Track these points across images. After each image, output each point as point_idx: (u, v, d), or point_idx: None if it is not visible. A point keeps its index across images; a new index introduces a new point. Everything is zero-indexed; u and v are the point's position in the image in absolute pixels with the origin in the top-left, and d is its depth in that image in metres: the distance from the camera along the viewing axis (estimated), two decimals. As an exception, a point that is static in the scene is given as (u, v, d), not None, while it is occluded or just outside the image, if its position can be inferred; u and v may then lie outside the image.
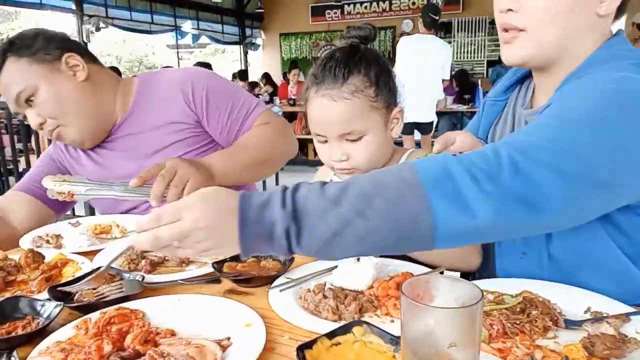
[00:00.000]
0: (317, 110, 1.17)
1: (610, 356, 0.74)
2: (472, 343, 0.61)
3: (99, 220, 1.58)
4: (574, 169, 0.72)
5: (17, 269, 1.16)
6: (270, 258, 1.17)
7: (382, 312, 0.93)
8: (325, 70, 1.15)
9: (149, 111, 1.60)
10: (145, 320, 0.90)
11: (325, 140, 1.19)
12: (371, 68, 1.16)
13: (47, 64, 1.49)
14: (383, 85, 1.17)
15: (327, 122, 1.16)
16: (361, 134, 1.16)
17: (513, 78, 1.20)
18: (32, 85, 1.46)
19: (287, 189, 0.73)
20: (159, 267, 1.19)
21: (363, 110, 1.14)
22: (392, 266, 1.09)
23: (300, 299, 0.97)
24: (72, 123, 1.52)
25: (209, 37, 12.66)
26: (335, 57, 1.16)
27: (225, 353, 0.79)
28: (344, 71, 1.13)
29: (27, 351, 0.81)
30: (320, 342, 0.77)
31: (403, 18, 12.87)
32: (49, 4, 8.11)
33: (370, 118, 1.16)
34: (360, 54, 1.17)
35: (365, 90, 1.14)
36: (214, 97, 1.58)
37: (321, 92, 1.15)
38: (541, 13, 0.93)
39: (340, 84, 1.13)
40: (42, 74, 1.47)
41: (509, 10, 0.96)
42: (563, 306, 0.89)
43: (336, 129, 1.16)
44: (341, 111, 1.13)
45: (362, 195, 0.70)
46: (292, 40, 14.11)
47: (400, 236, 0.70)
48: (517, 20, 0.96)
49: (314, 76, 1.18)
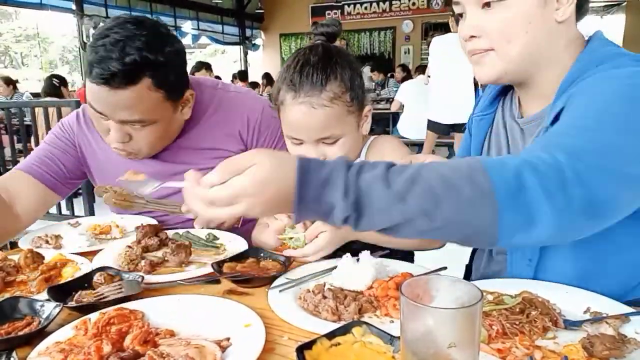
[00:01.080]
0: (295, 116, 1.18)
1: (609, 356, 0.74)
2: (472, 343, 0.61)
3: (98, 220, 1.58)
4: (631, 171, 0.76)
5: (17, 270, 1.16)
6: (269, 258, 1.17)
7: (381, 313, 0.93)
8: (303, 76, 1.16)
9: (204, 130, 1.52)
10: (144, 320, 0.90)
11: (301, 142, 1.22)
12: (345, 72, 1.19)
13: (173, 103, 1.37)
14: (357, 88, 1.21)
15: (306, 128, 1.19)
16: (337, 137, 1.20)
17: (494, 91, 1.21)
18: (150, 119, 1.32)
19: (351, 168, 0.70)
20: (158, 267, 1.19)
21: (340, 115, 1.18)
22: (391, 266, 1.09)
23: (300, 299, 0.97)
24: (149, 151, 1.43)
25: (209, 38, 12.69)
26: (311, 63, 1.17)
27: (224, 353, 0.79)
28: (321, 78, 1.16)
29: (26, 352, 0.81)
30: (319, 342, 0.77)
31: (403, 19, 12.88)
32: (49, 4, 8.13)
33: (346, 122, 1.20)
34: (335, 58, 1.19)
35: (343, 97, 1.18)
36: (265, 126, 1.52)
37: (300, 99, 1.16)
38: (501, 33, 0.97)
39: (319, 91, 1.15)
40: (167, 113, 1.36)
41: (472, 37, 1.01)
42: (562, 306, 0.89)
43: (314, 134, 1.19)
44: (320, 118, 1.16)
45: (431, 194, 0.68)
46: (292, 40, 14.12)
47: (460, 238, 0.72)
48: (482, 44, 1.00)
49: (290, 81, 1.18)
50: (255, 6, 13.83)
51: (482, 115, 1.22)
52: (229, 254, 1.24)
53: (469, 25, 1.01)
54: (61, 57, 20.56)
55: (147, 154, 1.44)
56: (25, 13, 14.08)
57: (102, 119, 1.34)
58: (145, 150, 1.41)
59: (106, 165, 1.55)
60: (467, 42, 1.03)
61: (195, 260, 1.23)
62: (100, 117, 1.33)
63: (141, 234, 1.30)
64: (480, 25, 0.99)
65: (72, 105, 4.20)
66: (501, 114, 1.19)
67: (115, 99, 1.26)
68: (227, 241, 1.35)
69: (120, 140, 1.34)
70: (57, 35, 19.32)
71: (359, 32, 13.19)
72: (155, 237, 1.30)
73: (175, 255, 1.20)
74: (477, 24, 0.99)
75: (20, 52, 20.65)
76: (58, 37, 19.49)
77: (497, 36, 0.98)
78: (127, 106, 1.27)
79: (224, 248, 1.31)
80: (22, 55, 20.75)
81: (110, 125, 1.33)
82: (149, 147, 1.41)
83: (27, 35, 20.15)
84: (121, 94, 1.25)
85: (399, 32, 12.94)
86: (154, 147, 1.44)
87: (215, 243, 1.34)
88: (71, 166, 1.57)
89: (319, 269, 1.11)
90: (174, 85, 1.35)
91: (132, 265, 1.17)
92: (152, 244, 1.28)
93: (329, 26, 1.25)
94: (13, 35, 20.08)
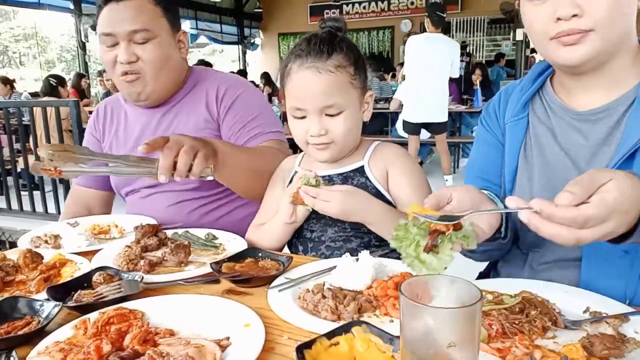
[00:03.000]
0: (301, 82, 1.22)
1: (609, 356, 0.74)
2: (472, 343, 0.60)
3: (97, 220, 1.58)
4: None
5: (16, 269, 1.16)
6: (268, 258, 1.17)
7: (381, 312, 0.93)
8: (310, 45, 1.22)
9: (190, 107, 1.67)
10: (144, 320, 0.90)
11: (304, 116, 1.24)
12: (351, 51, 1.24)
13: (171, 28, 1.60)
14: (360, 68, 1.25)
15: (311, 93, 1.21)
16: (340, 109, 1.23)
17: (527, 92, 1.17)
18: (154, 33, 1.54)
19: None
20: (157, 267, 1.18)
21: (344, 84, 1.22)
22: (390, 266, 1.09)
23: (299, 299, 0.97)
24: (154, 80, 1.58)
25: (208, 37, 12.68)
26: (319, 36, 1.23)
27: (224, 353, 0.79)
28: (327, 47, 1.21)
29: (26, 351, 0.81)
30: (319, 342, 0.77)
31: (401, 18, 12.88)
32: (48, 4, 8.12)
33: (349, 94, 1.23)
34: (340, 38, 1.25)
35: (347, 68, 1.22)
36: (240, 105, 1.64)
37: (306, 64, 1.21)
38: (607, 12, 0.93)
39: (325, 59, 1.20)
40: (165, 31, 1.58)
41: (573, 15, 0.94)
42: (562, 306, 0.89)
43: (319, 101, 1.21)
44: (325, 83, 1.20)
45: None
46: (290, 40, 14.12)
47: None
48: (583, 24, 0.94)
49: (297, 51, 1.23)
50: (253, 5, 13.82)
51: (516, 119, 1.18)
52: (228, 253, 1.24)
53: (572, 3, 0.94)
54: (59, 57, 20.54)
55: (152, 77, 1.57)
56: (23, 12, 14.06)
57: (109, 50, 1.55)
58: (150, 71, 1.56)
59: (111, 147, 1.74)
60: (563, 21, 0.96)
61: (194, 260, 1.23)
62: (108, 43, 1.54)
63: (140, 234, 1.31)
64: (584, 4, 0.93)
65: (71, 105, 4.20)
66: (534, 114, 1.16)
67: (121, 13, 1.52)
68: (226, 241, 1.35)
69: (128, 58, 1.52)
70: (56, 35, 19.31)
71: (358, 32, 13.19)
72: (154, 237, 1.30)
73: (174, 255, 1.20)
74: (580, 2, 0.94)
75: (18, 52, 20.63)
76: (56, 36, 19.48)
77: (603, 16, 0.93)
78: (131, 16, 1.52)
79: (223, 248, 1.31)
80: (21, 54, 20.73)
81: (118, 49, 1.53)
82: (153, 67, 1.56)
83: (25, 34, 20.13)
84: (126, 5, 1.53)
85: (397, 31, 12.94)
86: (158, 72, 1.57)
87: (214, 243, 1.35)
88: None
89: (319, 268, 1.11)
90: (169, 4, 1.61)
91: (132, 264, 1.17)
92: (151, 243, 1.28)
93: (336, 20, 1.29)
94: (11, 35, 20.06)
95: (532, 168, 1.14)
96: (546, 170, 1.11)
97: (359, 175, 1.31)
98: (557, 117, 1.11)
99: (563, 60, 1.00)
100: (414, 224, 0.80)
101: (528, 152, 1.16)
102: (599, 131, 1.03)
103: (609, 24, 0.94)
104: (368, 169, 1.31)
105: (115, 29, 1.52)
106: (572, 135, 1.08)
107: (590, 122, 1.05)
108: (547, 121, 1.13)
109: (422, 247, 0.77)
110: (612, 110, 1.02)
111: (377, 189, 1.29)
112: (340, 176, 1.31)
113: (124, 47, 1.53)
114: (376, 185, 1.29)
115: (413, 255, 0.78)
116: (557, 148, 1.10)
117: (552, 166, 1.10)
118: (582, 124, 1.06)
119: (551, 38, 0.99)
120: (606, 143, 1.03)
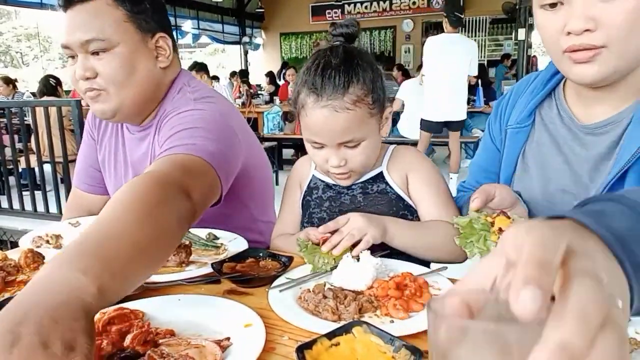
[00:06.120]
0: (317, 120, 1.16)
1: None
2: None
3: (98, 220, 1.58)
4: None
5: (17, 269, 1.16)
6: (269, 258, 1.17)
7: (381, 313, 0.93)
8: (324, 78, 1.14)
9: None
10: (145, 320, 0.90)
11: (322, 146, 1.20)
12: (367, 74, 1.17)
13: (140, 33, 1.30)
14: (378, 90, 1.18)
15: (328, 132, 1.16)
16: (359, 141, 1.18)
17: (535, 99, 1.13)
18: (113, 40, 1.26)
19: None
20: (158, 267, 1.18)
21: (363, 118, 1.16)
22: (391, 266, 1.09)
23: (300, 299, 0.97)
24: (117, 96, 1.31)
25: (209, 37, 12.68)
26: (333, 65, 1.15)
27: (225, 353, 0.79)
28: (343, 80, 1.13)
29: (26, 351, 0.81)
30: (319, 342, 0.77)
31: (403, 18, 12.88)
32: (49, 4, 8.11)
33: (368, 125, 1.18)
34: (356, 60, 1.17)
35: (365, 99, 1.15)
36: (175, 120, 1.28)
37: (322, 102, 1.14)
38: (622, 26, 0.86)
39: (341, 95, 1.13)
40: (129, 37, 1.28)
41: (586, 30, 0.88)
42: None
43: (337, 139, 1.17)
44: (343, 122, 1.14)
45: None
46: (292, 40, 14.13)
47: None
48: (597, 39, 0.87)
49: (312, 84, 1.15)
50: (255, 5, 13.82)
51: (519, 127, 1.15)
52: (229, 253, 1.24)
53: (585, 16, 0.87)
54: (61, 57, 20.55)
55: (114, 94, 1.30)
56: (25, 12, 14.08)
57: (72, 64, 1.30)
58: (109, 87, 1.29)
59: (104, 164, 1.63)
60: (575, 36, 0.89)
61: (195, 260, 1.22)
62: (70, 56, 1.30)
63: (141, 234, 1.30)
64: (598, 17, 0.86)
65: (73, 105, 4.20)
66: (542, 123, 1.12)
67: (74, 20, 1.26)
68: (227, 241, 1.35)
69: (83, 73, 1.26)
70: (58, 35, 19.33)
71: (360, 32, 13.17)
72: (156, 237, 1.30)
73: (175, 255, 1.19)
74: (594, 15, 0.86)
75: (20, 51, 20.67)
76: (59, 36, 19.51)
77: (618, 30, 0.86)
78: (84, 23, 1.25)
79: (224, 248, 1.31)
80: (23, 54, 20.77)
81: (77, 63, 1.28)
82: (112, 83, 1.28)
83: (27, 34, 20.17)
84: (80, 9, 1.25)
85: (399, 31, 12.94)
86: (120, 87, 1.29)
87: (215, 243, 1.34)
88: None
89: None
90: (137, 4, 1.30)
91: (133, 265, 1.17)
92: (152, 243, 1.27)
93: (347, 27, 1.22)
94: (14, 35, 20.10)
95: (530, 178, 1.12)
96: (545, 182, 1.09)
97: (379, 182, 1.29)
98: (566, 127, 1.08)
99: (576, 78, 0.95)
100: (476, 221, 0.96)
101: (527, 159, 1.14)
102: (602, 145, 1.00)
103: (625, 39, 0.87)
104: (387, 174, 1.30)
105: (68, 40, 1.27)
106: (575, 148, 1.05)
107: (595, 135, 1.02)
108: (553, 129, 1.10)
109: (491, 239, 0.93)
110: (617, 123, 0.99)
111: (397, 194, 1.28)
112: (359, 184, 1.30)
113: (79, 61, 1.28)
114: (396, 190, 1.28)
115: (484, 248, 0.93)
116: (560, 159, 1.08)
117: (551, 177, 1.09)
118: (588, 137, 1.03)
119: (564, 51, 0.93)
120: (607, 157, 1.00)
